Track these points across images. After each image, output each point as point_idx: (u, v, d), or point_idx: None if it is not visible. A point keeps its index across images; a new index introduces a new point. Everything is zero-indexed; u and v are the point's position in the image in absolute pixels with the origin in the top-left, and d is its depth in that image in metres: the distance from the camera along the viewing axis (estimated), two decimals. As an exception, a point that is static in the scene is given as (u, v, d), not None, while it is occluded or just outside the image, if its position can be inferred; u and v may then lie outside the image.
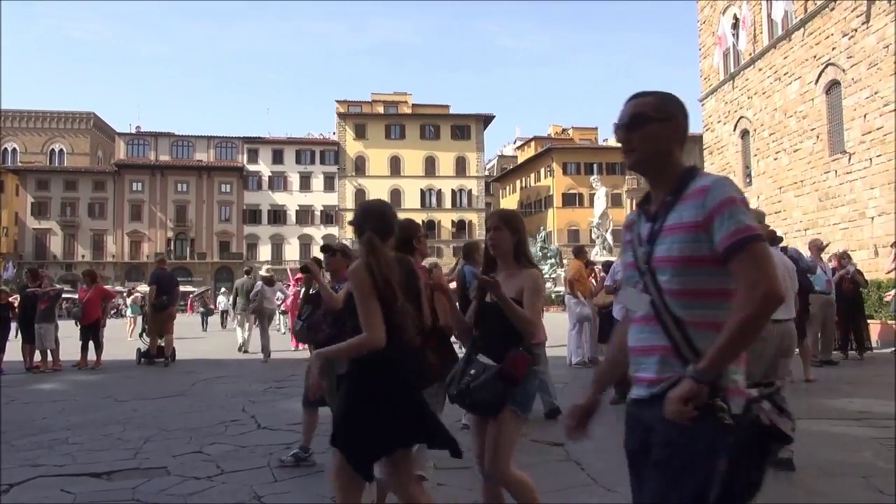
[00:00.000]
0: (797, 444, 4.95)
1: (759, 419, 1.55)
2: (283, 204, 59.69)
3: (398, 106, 62.83)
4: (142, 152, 60.42)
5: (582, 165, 59.43)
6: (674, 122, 1.78)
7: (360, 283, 2.53)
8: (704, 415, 1.52)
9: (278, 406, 7.06)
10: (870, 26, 17.98)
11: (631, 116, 1.80)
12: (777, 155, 23.00)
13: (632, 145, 1.78)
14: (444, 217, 60.14)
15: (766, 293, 1.52)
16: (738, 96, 25.81)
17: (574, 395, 7.62)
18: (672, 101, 1.81)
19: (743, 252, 1.55)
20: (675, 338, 1.64)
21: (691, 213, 1.65)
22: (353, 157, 60.23)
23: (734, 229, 1.57)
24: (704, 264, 1.61)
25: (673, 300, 1.65)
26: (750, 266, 1.55)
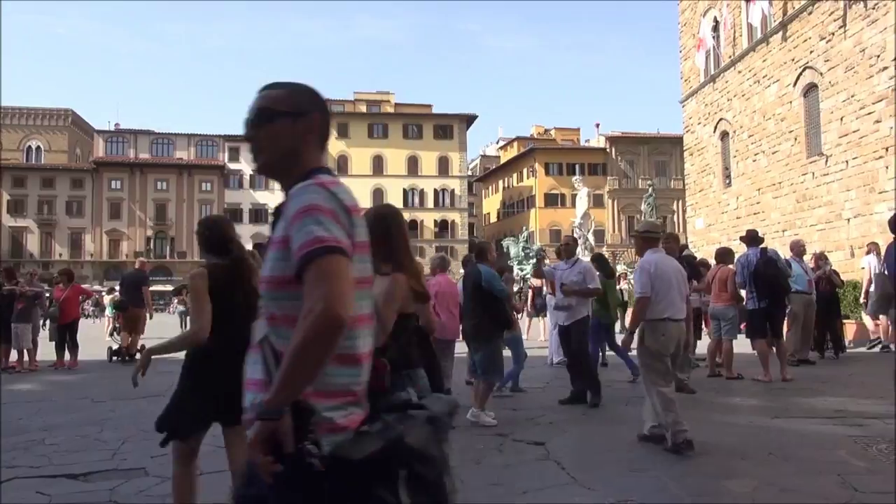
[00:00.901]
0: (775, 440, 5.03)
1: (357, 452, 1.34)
2: (265, 203, 59.31)
3: (381, 105, 62.71)
4: (121, 150, 59.71)
5: (564, 166, 59.72)
6: (306, 117, 1.58)
7: (197, 285, 3.02)
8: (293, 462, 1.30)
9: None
10: (847, 30, 18.28)
11: (257, 111, 1.58)
12: (756, 157, 23.29)
13: (259, 144, 1.58)
14: (426, 217, 60.13)
15: (320, 315, 1.31)
16: (717, 98, 26.10)
17: (556, 394, 7.69)
18: (306, 94, 1.62)
19: (310, 268, 1.35)
20: (270, 371, 1.42)
21: (280, 225, 1.47)
22: (335, 157, 60.02)
23: (301, 242, 1.37)
24: (290, 286, 1.40)
25: (268, 327, 1.46)
26: (312, 284, 1.34)
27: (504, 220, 65.45)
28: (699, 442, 4.92)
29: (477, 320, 6.17)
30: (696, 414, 6.39)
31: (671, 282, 5.13)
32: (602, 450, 5.12)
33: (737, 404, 6.89)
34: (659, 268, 5.13)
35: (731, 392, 7.61)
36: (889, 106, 16.60)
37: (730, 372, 8.61)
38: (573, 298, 7.17)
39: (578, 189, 35.90)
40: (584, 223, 34.20)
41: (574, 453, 5.01)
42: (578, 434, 5.65)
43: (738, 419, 6.10)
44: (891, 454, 4.69)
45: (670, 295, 5.10)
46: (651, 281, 5.06)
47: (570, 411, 6.65)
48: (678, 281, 5.22)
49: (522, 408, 6.93)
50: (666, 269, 5.17)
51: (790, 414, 6.18)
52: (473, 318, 6.23)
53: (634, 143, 60.06)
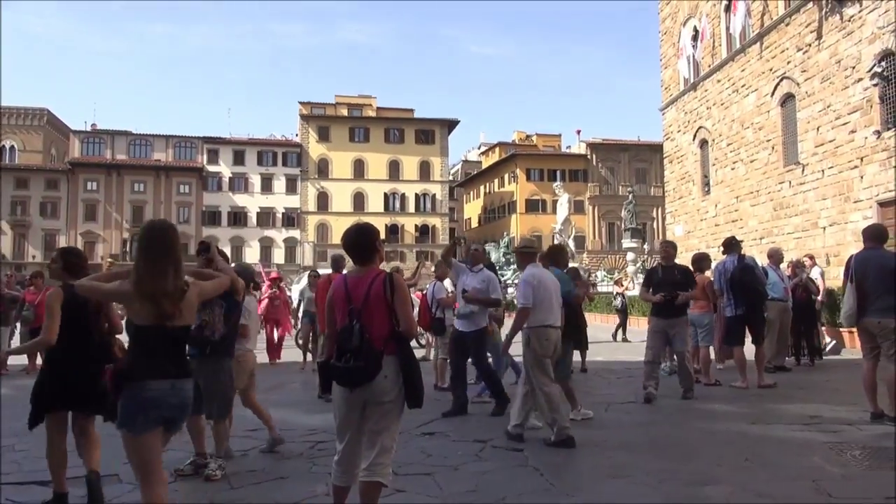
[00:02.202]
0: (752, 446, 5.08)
1: None
2: (244, 206, 58.89)
3: (362, 109, 62.61)
4: (97, 151, 58.95)
5: (545, 172, 60.02)
6: None
7: (52, 302, 3.77)
8: None
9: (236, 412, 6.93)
10: (823, 42, 18.62)
11: None
12: (734, 165, 23.61)
13: None
14: (407, 221, 60.09)
15: None
16: (697, 107, 26.43)
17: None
18: None
19: None
20: None
21: None
22: (315, 160, 59.78)
23: None
24: None
25: None
26: None
27: (485, 225, 65.60)
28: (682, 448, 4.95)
29: None
30: (674, 420, 6.45)
31: (550, 293, 5.67)
32: (581, 456, 5.14)
33: (715, 410, 6.96)
34: (539, 280, 5.68)
35: (710, 398, 7.69)
36: (864, 116, 16.94)
37: (708, 378, 8.69)
38: (475, 306, 6.93)
39: (559, 195, 36.10)
40: (564, 229, 34.39)
41: (553, 460, 5.02)
42: (558, 440, 5.65)
43: (716, 425, 6.16)
44: (864, 460, 4.76)
45: (549, 305, 5.62)
46: (533, 292, 5.57)
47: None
48: (555, 292, 5.76)
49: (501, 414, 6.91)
50: (545, 281, 5.71)
51: (767, 420, 6.25)
52: None
53: (615, 150, 60.57)
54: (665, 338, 7.76)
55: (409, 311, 3.41)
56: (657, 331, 7.75)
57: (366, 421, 3.30)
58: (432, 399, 6.92)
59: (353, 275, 3.48)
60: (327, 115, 61.37)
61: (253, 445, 5.59)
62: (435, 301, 8.53)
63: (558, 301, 5.76)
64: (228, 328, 4.65)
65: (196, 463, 4.66)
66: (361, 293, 3.32)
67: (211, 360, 4.60)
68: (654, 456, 5.10)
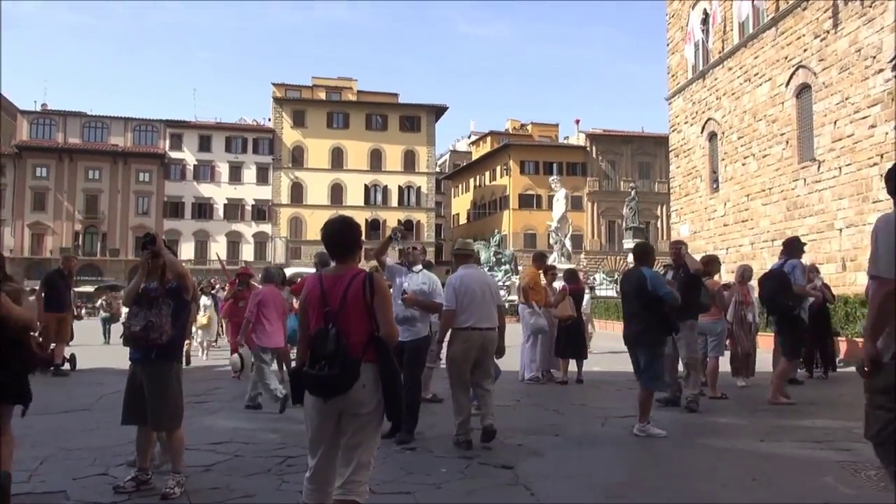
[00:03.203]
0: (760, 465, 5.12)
1: None
2: (210, 196, 58.54)
3: (342, 92, 62.46)
4: (48, 133, 58.32)
5: (541, 164, 60.23)
6: None
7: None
8: None
9: (198, 423, 6.91)
10: (842, 29, 18.79)
11: None
12: (745, 160, 23.80)
13: None
14: (390, 216, 60.01)
15: None
16: (706, 96, 26.61)
17: (527, 413, 7.73)
18: None
19: None
20: None
21: None
22: (290, 147, 59.56)
23: None
24: None
25: None
26: None
27: (474, 221, 65.70)
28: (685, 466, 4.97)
29: (643, 326, 6.56)
30: (677, 436, 6.49)
31: (475, 294, 6.09)
32: (576, 474, 5.16)
33: (721, 426, 7.01)
34: (463, 282, 6.14)
35: (716, 412, 7.75)
36: (885, 110, 17.11)
37: (714, 391, 8.75)
38: (417, 310, 6.75)
39: (556, 190, 36.22)
40: (560, 227, 34.50)
41: (545, 478, 5.04)
42: (551, 457, 5.69)
43: (722, 442, 6.21)
44: (879, 481, 4.82)
45: (472, 306, 6.05)
46: (455, 294, 6.06)
47: (542, 431, 6.69)
48: (484, 293, 6.17)
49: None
50: (470, 282, 6.16)
51: (776, 437, 6.31)
52: (638, 324, 6.60)
53: (617, 142, 60.88)
54: (671, 343, 7.86)
55: (391, 315, 3.41)
56: None
57: (341, 434, 3.29)
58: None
59: (329, 274, 3.46)
60: (303, 99, 61.14)
61: (216, 460, 5.56)
62: None
63: (486, 302, 6.16)
64: (177, 330, 4.62)
65: (139, 479, 4.62)
66: (338, 294, 3.32)
67: (158, 365, 4.57)
68: (654, 474, 5.13)
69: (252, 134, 60.55)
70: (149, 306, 4.49)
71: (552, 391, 9.69)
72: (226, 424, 7.13)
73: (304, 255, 52.60)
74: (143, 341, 4.44)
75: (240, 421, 7.37)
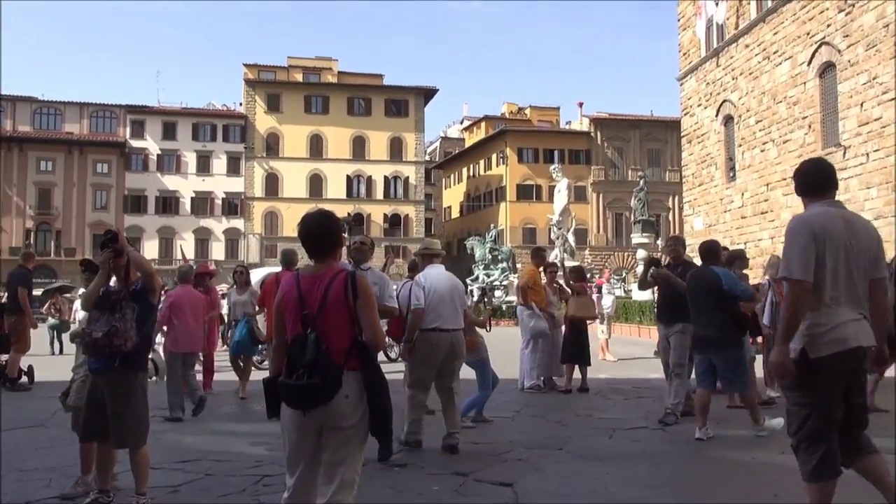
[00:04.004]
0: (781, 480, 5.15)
1: None
2: (176, 189, 58.32)
3: (321, 73, 62.30)
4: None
5: (541, 152, 60.28)
6: None
7: None
8: None
9: (165, 439, 6.90)
10: (867, 2, 18.87)
11: None
12: (764, 146, 23.91)
13: None
14: (374, 210, 59.98)
15: None
16: (721, 76, 26.71)
17: (527, 425, 7.74)
18: None
19: None
20: None
21: None
22: (263, 135, 59.39)
23: None
24: None
25: None
26: None
27: (468, 215, 65.72)
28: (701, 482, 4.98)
29: (717, 326, 6.82)
30: (691, 449, 6.52)
31: (443, 295, 6.58)
32: (582, 492, 5.18)
33: (739, 438, 7.05)
34: (431, 282, 6.63)
35: (733, 423, 7.78)
36: (916, 90, 17.22)
37: (731, 400, 8.80)
38: None
39: (557, 180, 36.29)
40: (563, 220, 34.59)
41: (548, 496, 5.06)
42: (554, 473, 5.71)
43: (740, 455, 6.24)
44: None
45: (440, 307, 6.53)
46: (424, 294, 6.53)
47: (544, 445, 6.71)
48: (451, 294, 6.68)
49: (487, 441, 6.96)
50: (438, 283, 6.65)
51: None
52: (711, 325, 6.86)
53: (624, 127, 61.02)
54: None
55: (376, 318, 3.41)
56: (662, 338, 8.16)
57: (322, 450, 3.30)
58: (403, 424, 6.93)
59: (307, 273, 3.46)
60: (278, 81, 60.95)
61: (185, 479, 5.55)
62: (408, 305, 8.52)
63: (454, 303, 6.63)
64: (142, 336, 4.61)
65: (98, 501, 4.61)
66: (317, 296, 3.32)
67: (121, 375, 4.56)
68: (667, 492, 5.15)
69: (222, 120, 60.34)
70: (111, 310, 4.47)
71: (555, 401, 9.72)
72: (195, 440, 7.13)
73: (280, 253, 52.57)
74: (106, 349, 4.42)
75: (211, 436, 7.37)
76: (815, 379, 3.48)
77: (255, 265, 40.39)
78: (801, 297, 3.47)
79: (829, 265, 3.50)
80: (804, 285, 3.46)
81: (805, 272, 3.45)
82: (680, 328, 7.86)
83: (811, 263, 3.46)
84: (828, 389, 3.50)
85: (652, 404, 8.00)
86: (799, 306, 3.48)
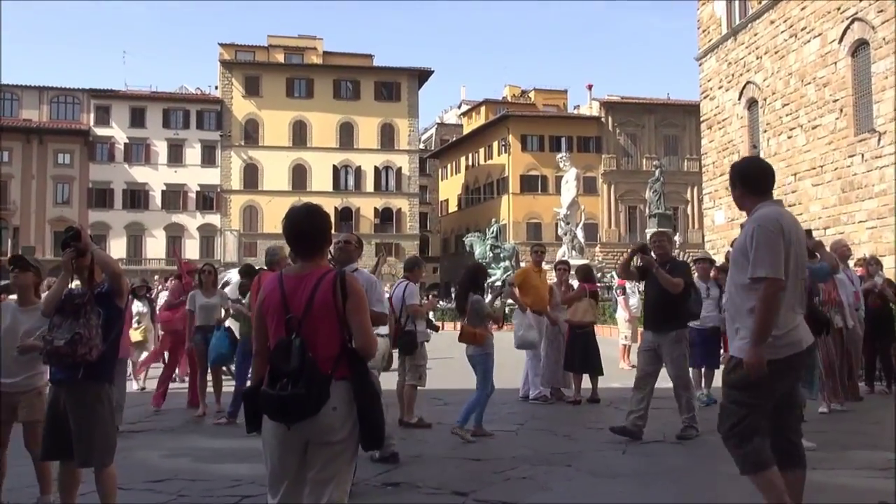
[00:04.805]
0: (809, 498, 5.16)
1: None
2: (145, 182, 58.23)
3: (304, 54, 62.24)
4: (-55, 106, 57.90)
5: (546, 139, 60.28)
6: None
7: None
8: None
9: (134, 457, 6.89)
10: (906, -27, 18.90)
11: None
12: (792, 132, 23.93)
13: None
14: (364, 204, 59.96)
15: None
16: (744, 55, 26.71)
17: (532, 439, 7.74)
18: None
19: None
20: None
21: None
22: (241, 121, 59.32)
23: None
24: None
25: None
26: None
27: (467, 209, 65.72)
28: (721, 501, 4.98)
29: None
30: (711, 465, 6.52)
31: None
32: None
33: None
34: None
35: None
36: (958, 71, 17.24)
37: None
38: None
39: (565, 170, 36.29)
40: (571, 214, 34.60)
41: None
42: (562, 491, 5.72)
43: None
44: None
45: None
46: None
47: (551, 461, 6.72)
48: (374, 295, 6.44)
49: (488, 457, 6.95)
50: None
51: (829, 464, 6.34)
52: None
53: (637, 112, 61.04)
54: (656, 358, 7.80)
55: (367, 323, 3.41)
56: (647, 349, 7.86)
57: (308, 468, 3.30)
58: (397, 439, 6.93)
59: (291, 273, 3.47)
60: (257, 62, 60.87)
61: (156, 501, 5.55)
62: (404, 308, 8.53)
63: (381, 302, 6.48)
64: (108, 344, 4.59)
65: None
66: (303, 298, 3.32)
67: (86, 387, 4.54)
68: (685, 511, 5.16)
69: (195, 105, 60.25)
70: (75, 316, 4.46)
71: (562, 412, 9.72)
72: (168, 458, 7.13)
73: (259, 251, 52.45)
74: (69, 358, 4.40)
75: (184, 453, 7.36)
76: (768, 380, 3.82)
77: (232, 264, 40.38)
78: (776, 295, 3.79)
79: (791, 267, 3.87)
80: (779, 284, 3.79)
81: (779, 271, 3.80)
82: (674, 336, 7.65)
83: (783, 263, 3.83)
84: (777, 391, 3.91)
85: (669, 417, 8.00)
86: (775, 305, 3.79)
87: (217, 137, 59.26)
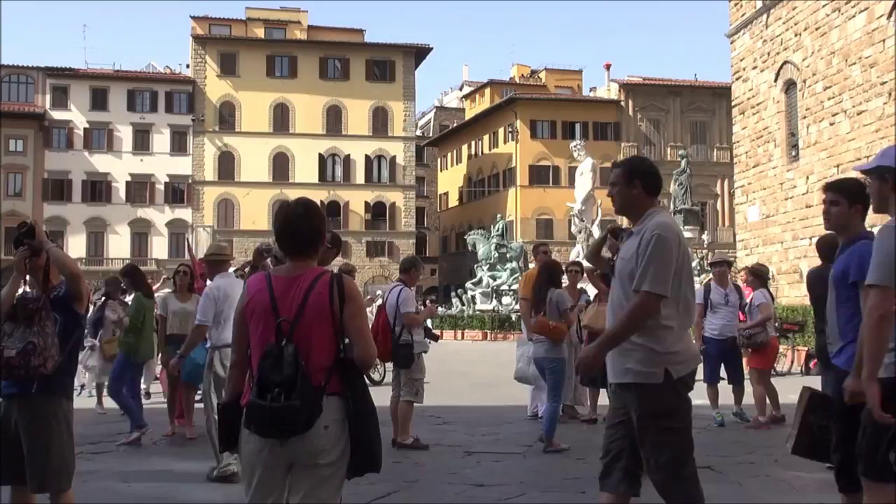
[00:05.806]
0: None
1: None
2: (107, 172, 58.20)
3: (287, 28, 62.22)
4: None
5: (559, 125, 60.24)
6: None
7: None
8: None
9: (95, 481, 6.90)
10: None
11: None
12: (834, 118, 23.91)
13: None
14: (353, 197, 59.92)
15: None
16: (781, 32, 26.70)
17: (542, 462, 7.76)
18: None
19: None
20: None
21: None
22: (216, 104, 59.28)
23: None
24: None
25: None
26: None
27: (469, 203, 65.71)
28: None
29: None
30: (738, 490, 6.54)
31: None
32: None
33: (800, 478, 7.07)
34: (226, 294, 7.07)
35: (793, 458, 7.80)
36: None
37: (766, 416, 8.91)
38: None
39: (580, 160, 36.31)
40: (586, 210, 34.62)
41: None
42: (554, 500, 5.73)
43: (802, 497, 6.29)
44: None
45: None
46: (215, 307, 7.04)
47: (563, 487, 6.73)
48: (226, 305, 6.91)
49: (493, 483, 6.97)
50: (233, 295, 6.71)
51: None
52: None
53: (661, 95, 61.03)
54: None
55: (367, 330, 3.43)
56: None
57: (292, 492, 3.31)
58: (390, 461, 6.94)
59: (281, 274, 3.48)
60: (234, 38, 60.85)
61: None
62: (399, 317, 8.54)
63: None
64: (66, 354, 4.59)
65: None
66: (295, 301, 3.32)
67: (40, 403, 4.54)
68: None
69: (164, 86, 60.22)
70: (28, 323, 4.45)
71: (576, 432, 9.71)
72: (132, 482, 7.14)
73: (236, 249, 52.45)
74: (22, 370, 4.39)
75: (151, 478, 7.37)
76: (683, 399, 4.08)
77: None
78: (651, 311, 3.90)
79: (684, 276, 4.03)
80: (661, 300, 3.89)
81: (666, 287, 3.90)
82: None
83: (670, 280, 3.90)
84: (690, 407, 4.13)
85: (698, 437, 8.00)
86: (644, 319, 3.91)
87: (188, 122, 59.23)
